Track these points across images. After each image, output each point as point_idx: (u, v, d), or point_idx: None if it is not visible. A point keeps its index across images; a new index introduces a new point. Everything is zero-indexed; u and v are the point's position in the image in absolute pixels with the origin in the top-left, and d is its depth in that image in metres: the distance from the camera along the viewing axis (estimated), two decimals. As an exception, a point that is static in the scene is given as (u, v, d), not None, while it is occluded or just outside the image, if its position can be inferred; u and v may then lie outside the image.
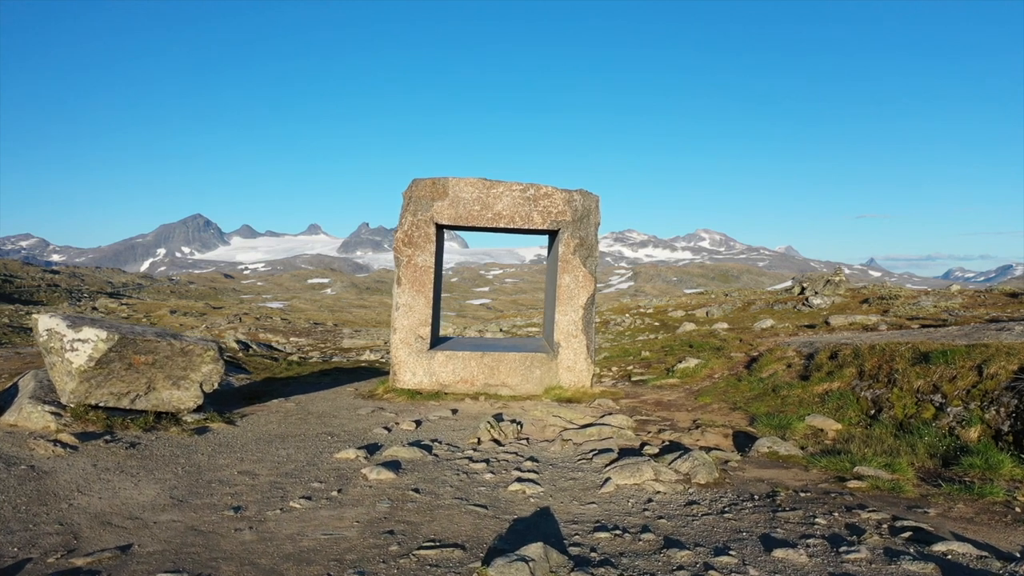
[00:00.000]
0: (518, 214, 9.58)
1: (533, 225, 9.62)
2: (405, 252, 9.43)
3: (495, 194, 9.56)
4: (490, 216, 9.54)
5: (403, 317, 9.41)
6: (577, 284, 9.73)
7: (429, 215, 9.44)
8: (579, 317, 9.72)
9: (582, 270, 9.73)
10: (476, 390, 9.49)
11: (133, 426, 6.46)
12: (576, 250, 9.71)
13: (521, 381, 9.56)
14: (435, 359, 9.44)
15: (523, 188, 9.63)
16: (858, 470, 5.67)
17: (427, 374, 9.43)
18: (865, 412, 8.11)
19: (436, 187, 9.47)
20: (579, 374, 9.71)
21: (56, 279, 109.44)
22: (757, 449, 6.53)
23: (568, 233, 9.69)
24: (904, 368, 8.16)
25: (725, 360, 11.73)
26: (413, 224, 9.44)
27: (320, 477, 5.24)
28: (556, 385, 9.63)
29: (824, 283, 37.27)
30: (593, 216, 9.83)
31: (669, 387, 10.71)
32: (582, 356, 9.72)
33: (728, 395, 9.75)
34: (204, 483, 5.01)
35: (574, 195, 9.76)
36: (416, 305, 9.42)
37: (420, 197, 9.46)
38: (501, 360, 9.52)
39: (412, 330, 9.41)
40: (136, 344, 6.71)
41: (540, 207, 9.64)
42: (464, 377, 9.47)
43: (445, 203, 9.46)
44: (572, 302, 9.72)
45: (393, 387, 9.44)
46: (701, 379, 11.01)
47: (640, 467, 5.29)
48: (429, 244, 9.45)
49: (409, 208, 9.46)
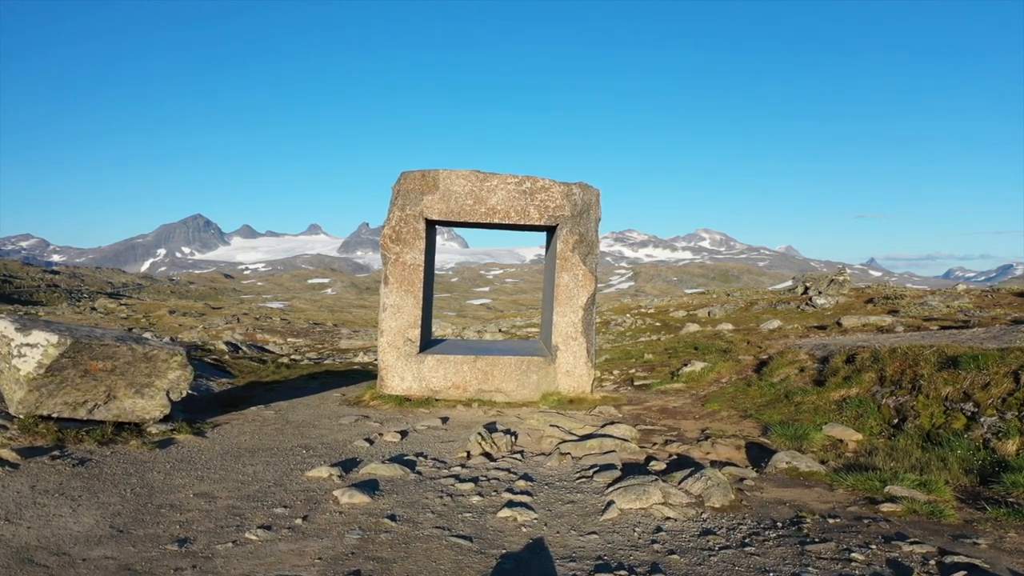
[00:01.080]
0: (513, 209, 8.99)
1: (530, 221, 9.02)
2: (393, 249, 8.82)
3: (489, 187, 8.96)
4: (484, 211, 8.94)
5: (391, 319, 8.81)
6: (576, 283, 9.13)
7: (418, 210, 8.84)
8: (579, 318, 9.12)
9: (582, 268, 9.13)
10: (469, 396, 8.89)
11: (88, 439, 5.86)
12: (575, 247, 9.11)
13: (517, 387, 8.96)
14: (425, 363, 8.84)
15: (519, 181, 9.03)
16: (890, 490, 5.07)
17: (416, 379, 8.83)
18: (887, 421, 7.51)
19: (426, 180, 8.87)
20: (579, 379, 9.11)
21: (56, 279, 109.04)
22: (775, 464, 5.93)
23: (567, 229, 9.09)
24: (930, 373, 7.56)
25: (733, 363, 11.13)
26: (401, 219, 8.84)
27: (285, 500, 4.64)
28: (554, 391, 9.03)
29: (828, 283, 36.67)
30: (593, 211, 9.23)
31: (674, 392, 10.11)
32: (582, 360, 9.12)
33: (738, 401, 9.16)
34: (153, 508, 4.41)
35: (573, 188, 9.16)
36: (404, 306, 8.82)
37: (409, 191, 8.86)
38: (495, 364, 8.92)
39: (400, 332, 8.81)
40: (92, 349, 6.11)
41: (537, 201, 9.04)
42: (456, 383, 8.87)
43: (435, 197, 8.86)
44: (571, 302, 9.12)
45: (380, 393, 8.84)
46: (708, 384, 10.41)
47: (647, 488, 4.69)
48: (418, 241, 8.84)
49: (397, 202, 8.86)
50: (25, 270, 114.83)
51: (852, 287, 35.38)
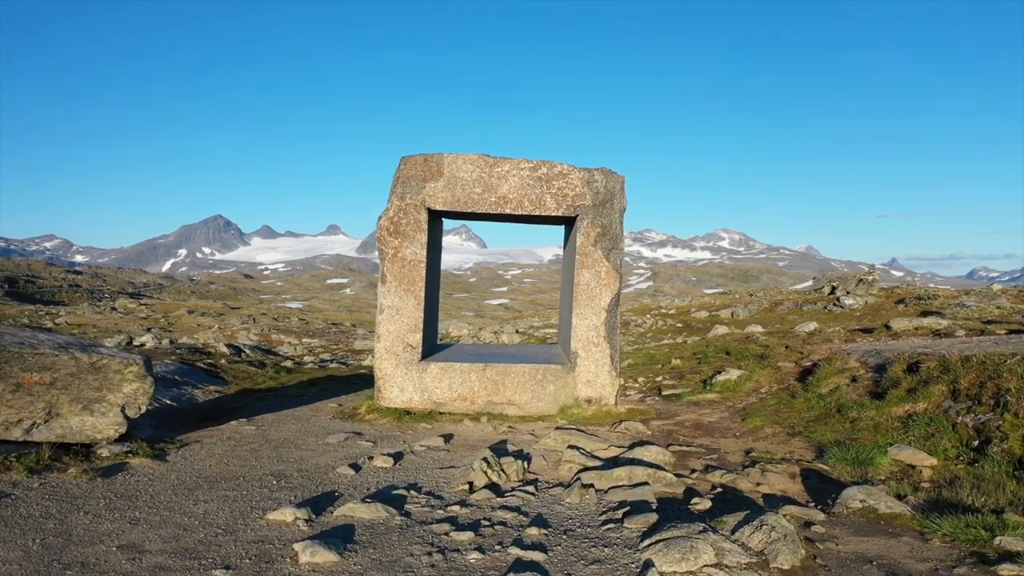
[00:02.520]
0: (527, 198, 7.95)
1: (546, 211, 7.98)
2: (391, 243, 7.82)
3: (499, 174, 7.93)
4: (493, 200, 7.91)
5: (388, 322, 7.81)
6: (599, 281, 8.07)
7: (420, 199, 7.83)
8: (601, 321, 8.06)
9: (604, 264, 8.07)
10: (477, 409, 7.87)
11: (17, 466, 4.92)
12: (597, 241, 8.05)
13: (531, 398, 7.92)
14: (428, 372, 7.83)
15: (533, 166, 7.99)
16: (1002, 543, 3.97)
17: (418, 390, 7.83)
18: (965, 443, 6.37)
19: (428, 165, 7.86)
20: (601, 389, 8.05)
21: (78, 280, 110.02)
22: (845, 503, 4.83)
23: (588, 220, 8.04)
24: (1018, 387, 6.41)
25: (771, 371, 10.00)
26: (400, 209, 7.83)
27: (231, 557, 3.64)
28: (573, 403, 7.98)
29: (856, 282, 35.18)
30: (617, 200, 8.17)
31: (708, 404, 9.01)
32: (605, 368, 8.06)
33: (782, 415, 8.05)
34: (59, 568, 3.44)
35: (595, 175, 8.10)
36: (404, 307, 7.82)
37: (409, 178, 7.86)
38: (507, 373, 7.89)
39: (399, 337, 7.81)
40: (24, 359, 5.17)
41: (554, 189, 7.99)
42: (463, 394, 7.85)
43: (439, 184, 7.85)
44: (593, 303, 8.06)
45: (378, 406, 7.84)
46: (745, 394, 9.30)
47: (693, 544, 3.63)
48: (419, 234, 7.83)
49: (396, 191, 7.86)
50: (48, 270, 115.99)
51: (881, 287, 33.95)
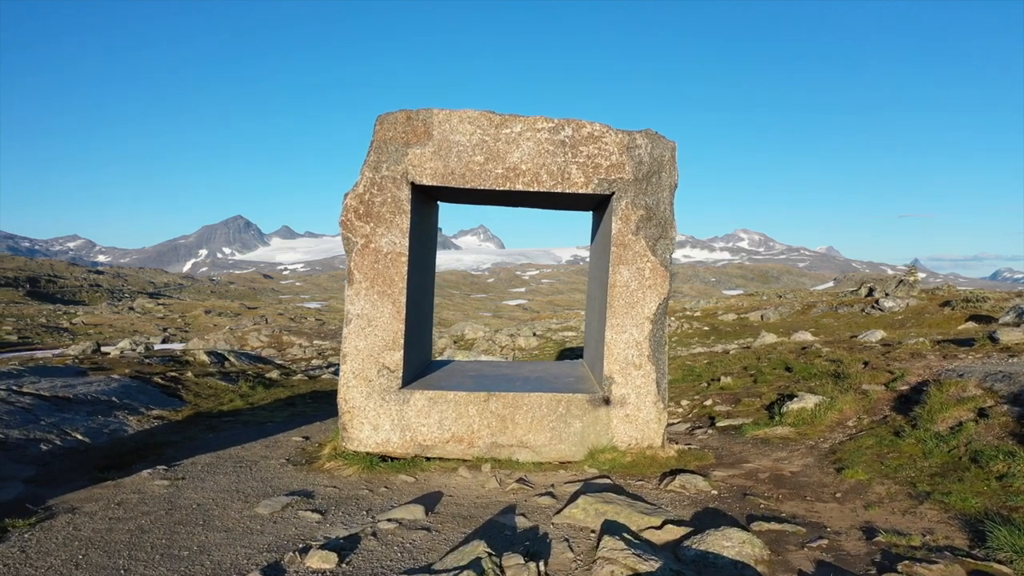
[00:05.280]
0: (545, 169, 5.89)
1: (571, 186, 5.91)
2: (360, 230, 5.79)
3: (509, 136, 5.88)
4: (500, 173, 5.87)
5: (357, 336, 5.78)
6: (641, 282, 5.99)
7: (401, 169, 5.80)
8: (644, 335, 5.99)
9: (649, 259, 5.99)
10: (477, 453, 5.84)
11: None
12: (640, 227, 5.97)
13: (550, 439, 5.87)
14: (411, 404, 5.80)
15: (555, 126, 5.93)
16: None
17: (397, 428, 5.80)
18: None
19: (412, 126, 5.83)
20: (644, 427, 5.98)
21: (99, 279, 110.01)
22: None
23: (627, 200, 5.97)
24: None
25: (856, 396, 7.85)
26: (374, 184, 5.80)
27: None
28: (608, 445, 5.92)
29: (896, 283, 32.70)
30: (667, 173, 6.09)
31: (782, 443, 6.89)
32: (649, 398, 5.99)
33: (890, 464, 5.91)
34: None
35: (637, 138, 6.02)
36: (378, 317, 5.78)
37: (387, 141, 5.84)
38: (518, 405, 5.85)
39: (372, 357, 5.78)
40: None
41: (582, 157, 5.93)
42: (458, 433, 5.82)
43: (427, 151, 5.82)
44: (633, 311, 5.99)
45: (343, 449, 5.83)
46: (828, 429, 7.17)
47: None
48: (399, 216, 5.79)
49: (369, 160, 5.84)
50: (70, 270, 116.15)
51: (922, 288, 31.47)
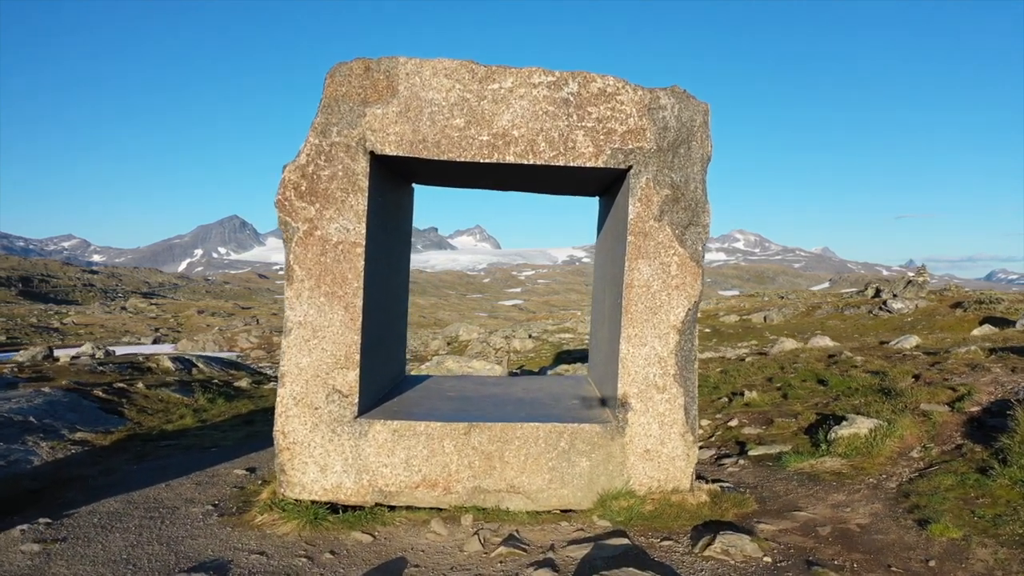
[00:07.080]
0: (544, 135, 4.58)
1: (577, 158, 4.59)
2: (302, 212, 4.45)
3: (497, 94, 4.57)
4: (486, 140, 4.54)
5: (299, 350, 4.45)
6: (667, 281, 4.68)
7: (356, 134, 4.47)
8: (670, 349, 4.67)
9: (677, 251, 4.68)
10: (456, 501, 4.51)
11: None
12: (665, 210, 4.66)
13: (549, 482, 4.55)
14: (369, 437, 4.47)
15: (555, 80, 4.61)
16: None
17: (351, 469, 4.47)
18: None
19: (372, 78, 4.51)
20: (668, 465, 4.67)
21: (94, 279, 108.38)
22: None
23: (649, 175, 4.65)
24: None
25: (914, 419, 6.55)
26: (320, 153, 4.47)
27: None
28: (623, 490, 4.60)
29: (905, 284, 31.46)
30: (699, 143, 4.78)
31: (835, 480, 5.58)
32: (675, 428, 4.68)
33: (983, 514, 4.60)
34: None
35: (661, 97, 4.70)
36: (326, 325, 4.45)
37: (340, 99, 4.51)
38: (508, 438, 4.53)
39: (319, 378, 4.45)
40: None
41: (591, 120, 4.61)
42: (430, 475, 4.49)
43: (391, 110, 4.49)
44: (656, 317, 4.68)
45: (282, 496, 4.50)
46: (889, 461, 5.86)
47: None
48: (353, 196, 4.46)
49: (316, 123, 4.52)
50: (64, 270, 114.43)
51: (931, 289, 30.27)
